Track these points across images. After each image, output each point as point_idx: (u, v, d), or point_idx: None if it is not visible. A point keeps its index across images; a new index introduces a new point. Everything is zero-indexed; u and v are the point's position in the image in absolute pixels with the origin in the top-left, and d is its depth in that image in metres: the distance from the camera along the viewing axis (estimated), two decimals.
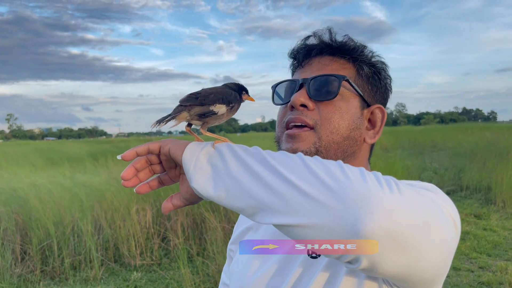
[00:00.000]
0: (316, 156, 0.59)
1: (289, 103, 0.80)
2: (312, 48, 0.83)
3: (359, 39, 0.83)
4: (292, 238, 0.57)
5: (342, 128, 0.78)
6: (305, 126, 0.78)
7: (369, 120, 0.84)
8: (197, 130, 0.72)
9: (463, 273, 4.17)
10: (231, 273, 0.88)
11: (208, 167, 0.60)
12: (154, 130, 0.66)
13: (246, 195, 0.57)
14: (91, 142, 34.63)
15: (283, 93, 0.85)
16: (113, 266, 4.50)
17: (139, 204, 4.99)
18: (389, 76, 0.87)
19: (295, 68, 0.88)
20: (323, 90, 0.77)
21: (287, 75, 0.90)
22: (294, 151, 0.77)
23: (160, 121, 0.63)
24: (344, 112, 0.78)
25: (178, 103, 0.66)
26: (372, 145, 0.88)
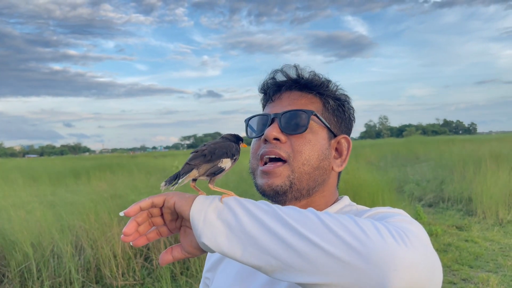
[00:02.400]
0: (327, 211, 0.62)
1: (262, 137, 0.84)
2: (282, 84, 0.88)
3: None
4: None
5: (313, 159, 0.82)
6: (278, 159, 0.81)
7: (336, 149, 0.88)
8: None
9: (446, 285, 4.21)
10: None
11: (219, 223, 0.60)
12: (163, 189, 0.65)
13: (266, 254, 0.57)
14: (74, 159, 34.14)
15: (256, 127, 0.88)
16: (94, 287, 4.41)
17: (121, 223, 4.92)
18: (352, 107, 0.92)
19: (265, 102, 0.92)
20: (293, 124, 0.82)
21: None
22: (269, 186, 0.81)
23: (169, 182, 0.64)
24: (314, 144, 0.82)
25: (186, 162, 0.67)
26: (339, 173, 0.91)
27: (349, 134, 0.92)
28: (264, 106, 0.94)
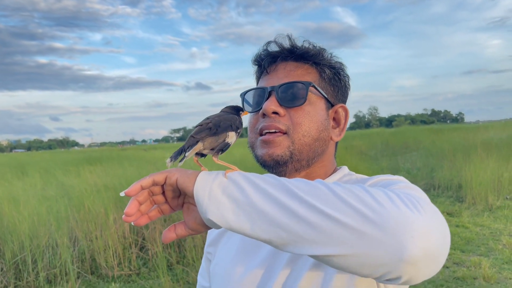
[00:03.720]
0: (336, 182, 0.61)
1: (260, 111, 0.83)
2: (276, 55, 0.86)
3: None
4: (331, 267, 0.58)
5: (312, 130, 0.81)
6: (278, 131, 0.81)
7: (334, 119, 0.88)
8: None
9: None
10: (213, 274, 0.89)
11: (225, 198, 0.59)
12: (169, 166, 0.62)
13: (276, 227, 0.56)
14: (62, 153, 33.78)
15: (252, 101, 0.87)
16: (90, 278, 4.40)
17: (116, 213, 4.91)
18: (347, 75, 0.91)
19: (260, 74, 0.91)
20: (292, 97, 0.81)
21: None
22: (270, 156, 0.80)
23: (175, 157, 0.61)
24: (313, 115, 0.82)
25: (190, 135, 0.65)
26: (337, 143, 0.91)
27: (345, 102, 0.92)
28: (258, 79, 0.92)
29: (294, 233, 0.55)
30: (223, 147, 0.67)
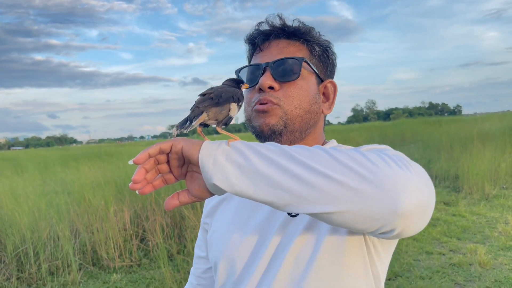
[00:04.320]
0: (333, 147, 0.65)
1: (257, 86, 0.87)
2: (269, 33, 0.91)
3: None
4: (330, 224, 0.62)
5: (304, 103, 0.86)
6: (276, 103, 0.85)
7: (324, 94, 0.93)
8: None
9: (435, 256, 4.35)
10: (210, 243, 0.93)
11: (229, 164, 0.61)
12: (175, 134, 0.65)
13: (278, 189, 0.59)
14: (61, 149, 33.77)
15: (247, 77, 0.91)
16: (91, 269, 4.46)
17: (116, 206, 4.95)
18: (334, 53, 0.96)
19: (253, 52, 0.95)
20: (286, 72, 0.85)
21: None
22: (266, 125, 0.84)
23: (181, 125, 0.64)
24: (305, 89, 0.87)
25: (194, 105, 0.67)
26: (325, 117, 0.96)
27: (333, 78, 0.96)
28: (251, 57, 0.96)
29: (295, 194, 0.59)
30: (227, 121, 0.70)
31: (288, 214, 0.82)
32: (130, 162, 0.63)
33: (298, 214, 0.81)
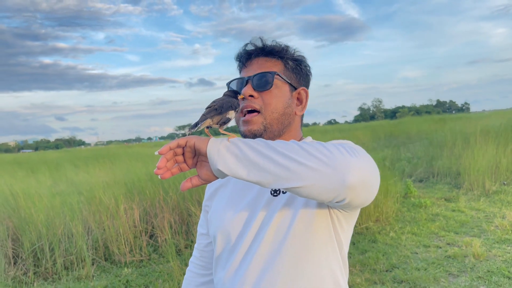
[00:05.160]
0: (304, 141, 0.88)
1: (241, 95, 1.11)
2: (251, 53, 1.14)
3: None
4: (301, 196, 0.85)
5: (279, 108, 1.09)
6: (254, 110, 1.08)
7: (298, 99, 1.16)
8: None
9: (432, 249, 4.53)
10: (210, 221, 1.17)
11: (229, 154, 0.83)
12: (188, 133, 0.88)
13: (263, 171, 0.81)
14: (70, 151, 34.21)
15: (235, 88, 1.15)
16: (104, 264, 4.69)
17: (126, 204, 5.18)
18: (308, 65, 1.19)
19: (240, 68, 1.19)
20: (262, 83, 1.08)
21: None
22: (249, 131, 1.08)
23: (192, 127, 0.88)
24: (279, 96, 1.10)
25: (202, 114, 0.91)
26: (302, 116, 1.19)
27: (307, 86, 1.19)
28: (240, 71, 1.20)
29: (274, 174, 0.81)
30: (226, 121, 0.94)
31: (271, 194, 1.06)
32: (156, 153, 0.85)
33: (279, 194, 1.05)
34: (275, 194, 1.06)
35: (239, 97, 1.02)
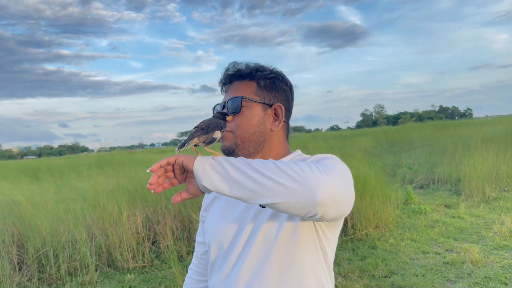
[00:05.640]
0: (281, 160, 0.96)
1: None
2: (225, 80, 1.25)
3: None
4: (277, 211, 0.93)
5: (250, 127, 1.17)
6: (230, 131, 1.18)
7: (275, 114, 1.22)
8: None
9: (431, 255, 4.58)
10: (206, 230, 1.25)
11: (213, 172, 0.91)
12: (176, 152, 0.95)
13: (243, 188, 0.88)
14: (73, 158, 34.36)
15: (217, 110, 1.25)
16: (107, 270, 4.76)
17: (129, 211, 5.26)
18: (286, 81, 1.25)
19: (222, 92, 1.29)
20: (234, 108, 1.18)
21: None
22: (224, 147, 1.18)
23: (180, 147, 0.95)
24: (250, 117, 1.18)
25: (190, 133, 0.99)
26: (287, 129, 1.26)
27: (287, 101, 1.25)
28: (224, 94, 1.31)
29: (252, 190, 0.89)
30: (211, 141, 1.02)
31: (260, 205, 1.13)
32: (148, 171, 0.94)
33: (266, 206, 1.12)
34: (263, 206, 1.12)
35: (228, 118, 1.10)
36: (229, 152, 1.18)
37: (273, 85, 1.22)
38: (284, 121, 1.22)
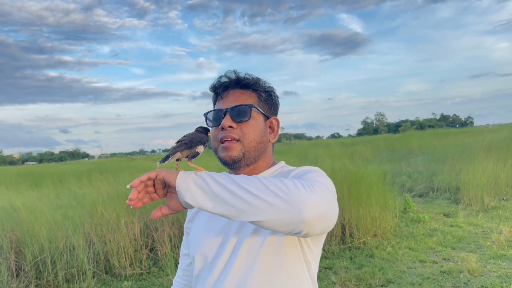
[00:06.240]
0: (265, 177, 0.95)
1: (220, 125, 1.18)
2: (227, 85, 1.22)
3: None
4: (263, 228, 0.92)
5: (256, 137, 1.17)
6: (233, 139, 1.16)
7: (270, 127, 1.24)
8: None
9: (428, 264, 4.57)
10: (190, 242, 1.24)
11: (196, 188, 0.89)
12: (158, 166, 0.94)
13: (227, 204, 0.87)
14: (74, 164, 34.38)
15: (213, 118, 1.21)
16: (104, 277, 4.76)
17: (127, 218, 5.27)
18: (277, 95, 1.28)
19: (216, 99, 1.26)
20: (241, 115, 1.16)
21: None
22: (229, 157, 1.15)
23: (163, 161, 0.94)
24: (256, 127, 1.18)
25: (173, 148, 0.98)
26: (273, 143, 1.27)
27: (276, 114, 1.28)
28: (214, 102, 1.27)
29: (237, 208, 0.89)
30: (194, 155, 1.02)
31: None
32: (128, 186, 0.89)
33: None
34: None
35: (210, 133, 1.10)
36: (235, 162, 1.15)
37: (270, 98, 1.24)
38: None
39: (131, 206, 0.94)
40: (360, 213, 5.44)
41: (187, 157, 0.99)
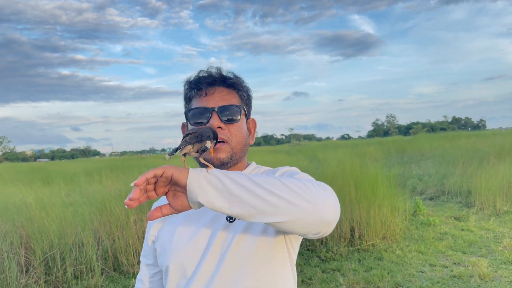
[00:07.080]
0: (284, 176, 0.91)
1: (207, 125, 1.10)
2: (213, 82, 1.14)
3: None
4: (283, 230, 0.89)
5: (242, 139, 1.14)
6: (221, 141, 1.10)
7: (248, 129, 1.21)
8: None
9: (438, 268, 4.51)
10: (162, 249, 1.11)
11: (209, 187, 0.82)
12: (167, 158, 0.84)
13: (246, 205, 0.81)
14: (85, 161, 34.71)
15: (195, 116, 1.13)
16: (113, 274, 4.79)
17: (136, 215, 5.30)
18: (252, 96, 1.23)
19: (194, 94, 1.15)
20: (230, 116, 1.12)
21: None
22: (217, 159, 1.09)
23: (172, 152, 0.86)
24: (242, 128, 1.15)
25: (184, 140, 0.91)
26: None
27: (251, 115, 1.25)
28: (190, 98, 1.16)
29: (258, 208, 0.83)
30: (204, 149, 0.95)
31: (227, 220, 1.07)
32: (132, 184, 0.79)
33: (234, 220, 1.07)
34: (231, 220, 1.06)
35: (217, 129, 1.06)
36: (222, 164, 1.10)
37: (249, 99, 1.21)
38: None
39: (126, 206, 0.81)
40: (370, 215, 5.39)
41: (197, 151, 0.92)
